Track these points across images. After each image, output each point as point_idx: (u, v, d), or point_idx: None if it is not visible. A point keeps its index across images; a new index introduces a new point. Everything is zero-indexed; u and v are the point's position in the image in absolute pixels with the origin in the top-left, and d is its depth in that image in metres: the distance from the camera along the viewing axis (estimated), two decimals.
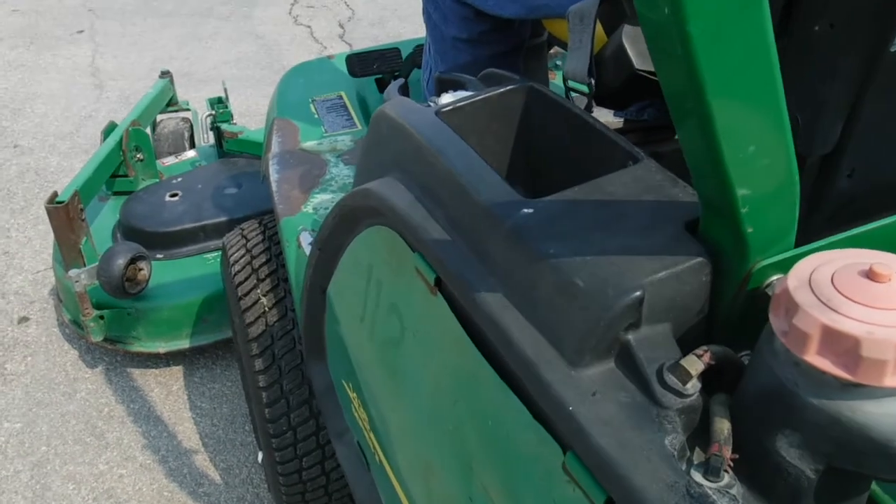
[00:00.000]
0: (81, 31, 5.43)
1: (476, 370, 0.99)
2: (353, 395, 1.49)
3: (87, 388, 2.65)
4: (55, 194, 2.50)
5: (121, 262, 2.39)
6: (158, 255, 2.71)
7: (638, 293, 0.81)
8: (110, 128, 3.10)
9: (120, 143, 2.96)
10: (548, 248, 0.90)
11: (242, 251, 2.01)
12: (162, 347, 2.63)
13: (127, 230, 2.78)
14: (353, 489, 1.59)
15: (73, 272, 2.45)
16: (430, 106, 1.29)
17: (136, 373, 2.71)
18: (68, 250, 2.52)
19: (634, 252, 0.86)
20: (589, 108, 1.39)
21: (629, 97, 1.50)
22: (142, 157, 3.06)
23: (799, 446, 0.71)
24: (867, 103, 1.04)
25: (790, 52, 1.04)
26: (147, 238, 2.70)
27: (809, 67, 1.05)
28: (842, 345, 0.65)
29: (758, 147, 0.72)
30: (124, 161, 3.00)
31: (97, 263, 2.43)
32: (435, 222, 1.09)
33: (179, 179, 3.00)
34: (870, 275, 0.69)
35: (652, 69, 1.29)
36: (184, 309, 2.61)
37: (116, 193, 3.05)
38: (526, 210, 0.96)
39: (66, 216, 2.47)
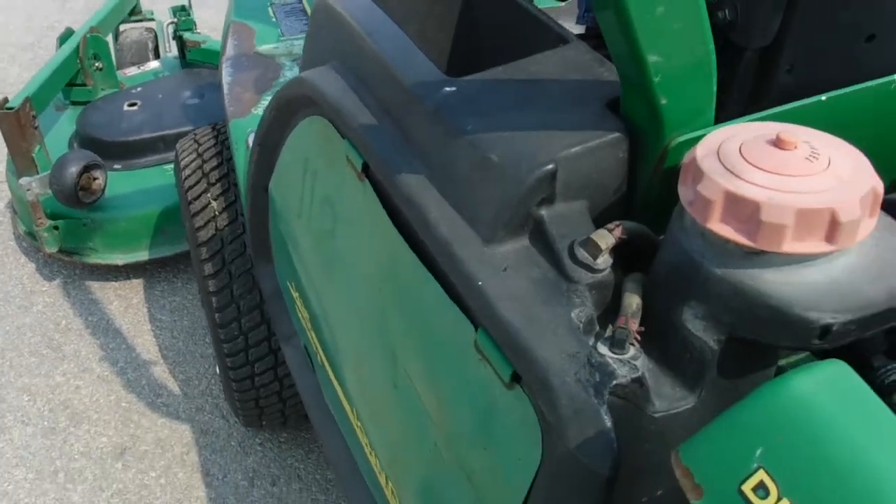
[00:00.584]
0: None
1: (397, 253, 0.98)
2: (296, 295, 1.49)
3: (44, 301, 2.65)
4: (5, 100, 2.45)
5: (73, 169, 2.36)
6: (116, 166, 2.68)
7: (550, 167, 0.80)
8: (66, 34, 3.03)
9: (77, 50, 2.89)
10: (466, 124, 0.89)
11: (194, 155, 1.98)
12: (120, 259, 2.62)
13: (84, 139, 2.74)
14: (300, 393, 1.61)
15: (24, 180, 2.42)
16: None
17: (95, 285, 2.71)
18: (20, 159, 2.48)
19: (553, 128, 0.85)
20: None
21: None
22: (101, 66, 2.99)
23: (703, 318, 0.72)
24: None
25: None
26: (104, 148, 2.66)
27: None
28: (743, 210, 0.65)
29: (667, 8, 0.70)
30: (82, 69, 2.94)
31: (49, 172, 2.40)
32: (366, 109, 1.07)
33: (139, 89, 2.95)
34: (777, 143, 0.68)
35: None
36: (142, 220, 2.59)
37: (74, 103, 3.00)
38: (448, 88, 0.94)
39: (16, 122, 2.43)
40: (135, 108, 2.82)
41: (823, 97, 0.85)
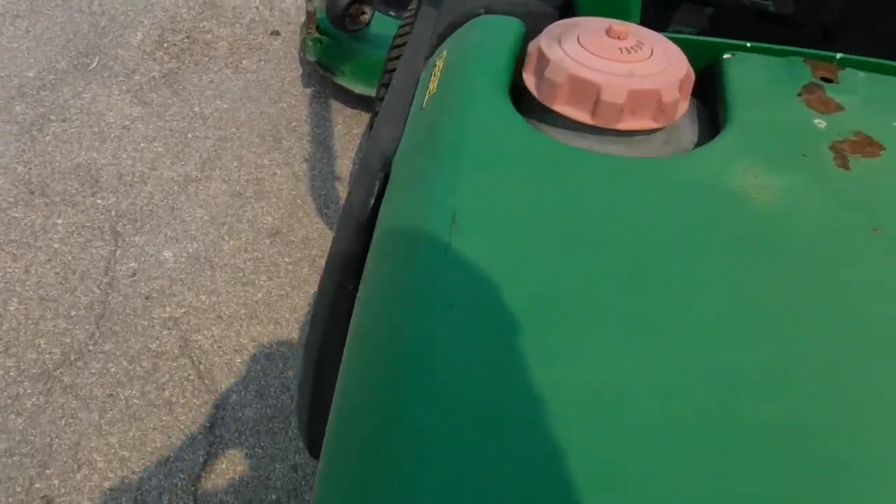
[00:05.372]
0: None
1: None
2: None
3: (290, 103, 3.17)
4: None
5: None
6: (391, 13, 3.09)
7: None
8: None
9: None
10: None
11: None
12: (359, 89, 3.05)
13: None
14: None
15: None
16: None
17: (335, 106, 3.17)
18: None
19: None
20: None
21: None
22: None
23: None
24: None
25: None
26: None
27: None
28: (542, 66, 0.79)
29: None
30: None
31: None
32: None
33: None
34: (609, 32, 0.79)
35: None
36: None
37: None
38: None
39: None
40: None
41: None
